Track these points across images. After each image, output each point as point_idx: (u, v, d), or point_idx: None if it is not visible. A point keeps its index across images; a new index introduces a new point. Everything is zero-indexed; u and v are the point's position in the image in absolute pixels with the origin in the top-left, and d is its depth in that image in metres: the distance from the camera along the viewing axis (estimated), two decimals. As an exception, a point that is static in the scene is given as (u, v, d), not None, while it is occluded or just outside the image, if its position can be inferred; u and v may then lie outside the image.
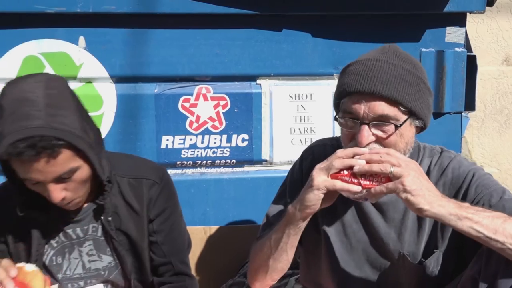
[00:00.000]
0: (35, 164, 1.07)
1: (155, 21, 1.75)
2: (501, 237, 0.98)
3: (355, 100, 1.11)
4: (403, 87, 1.11)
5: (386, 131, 1.10)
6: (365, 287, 1.24)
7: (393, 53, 1.16)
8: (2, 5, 1.64)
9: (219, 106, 1.85)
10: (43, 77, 1.14)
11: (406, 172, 1.01)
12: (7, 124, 1.06)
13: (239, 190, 1.89)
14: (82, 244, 1.28)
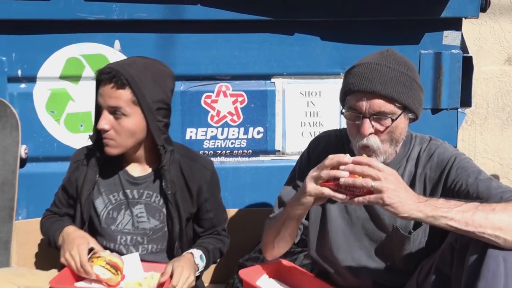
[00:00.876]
0: (105, 87, 1.42)
1: (181, 26, 1.95)
2: (472, 228, 1.12)
3: (358, 98, 1.30)
4: (398, 87, 1.29)
5: (384, 124, 1.28)
6: (364, 256, 1.42)
7: (391, 57, 1.35)
8: (49, 13, 1.86)
9: (237, 102, 2.05)
10: (151, 58, 1.55)
11: (385, 187, 1.12)
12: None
13: (255, 177, 2.08)
14: (135, 205, 1.52)
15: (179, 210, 1.53)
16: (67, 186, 1.56)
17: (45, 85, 1.97)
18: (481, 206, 1.14)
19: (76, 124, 2.00)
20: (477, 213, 1.13)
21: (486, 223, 1.11)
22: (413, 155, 1.40)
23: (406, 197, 1.14)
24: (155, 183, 1.53)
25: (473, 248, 1.14)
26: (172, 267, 1.41)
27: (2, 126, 1.88)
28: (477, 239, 1.12)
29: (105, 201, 1.52)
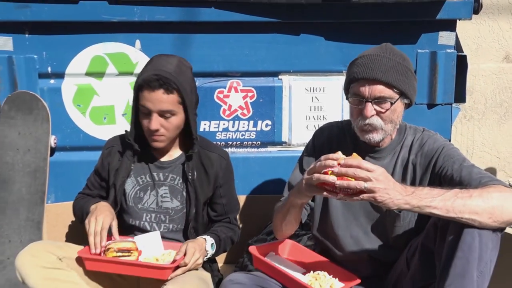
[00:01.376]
0: (154, 93, 1.56)
1: (196, 28, 2.11)
2: (452, 214, 1.27)
3: (361, 84, 1.46)
4: (396, 75, 1.46)
5: (384, 107, 1.45)
6: (361, 233, 1.58)
7: (389, 50, 1.52)
8: (77, 15, 2.03)
9: (247, 97, 2.21)
10: (179, 57, 1.71)
11: (376, 188, 1.24)
12: (151, 67, 1.58)
13: (263, 167, 2.24)
14: (160, 187, 1.71)
15: (197, 193, 1.71)
16: (100, 170, 1.75)
17: (72, 81, 2.14)
18: (460, 193, 1.28)
19: (100, 117, 2.17)
20: (457, 201, 1.27)
21: (464, 209, 1.26)
22: (406, 142, 1.57)
23: (395, 193, 1.27)
24: (179, 167, 1.72)
25: (452, 227, 1.30)
26: (186, 247, 1.59)
27: (34, 118, 2.06)
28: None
29: (133, 183, 1.70)
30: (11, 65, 2.07)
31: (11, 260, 1.95)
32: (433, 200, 1.28)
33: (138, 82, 1.59)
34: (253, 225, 2.14)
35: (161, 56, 1.67)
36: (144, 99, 1.58)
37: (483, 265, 1.24)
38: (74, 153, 2.18)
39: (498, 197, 1.26)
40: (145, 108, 1.60)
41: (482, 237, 1.26)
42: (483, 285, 1.24)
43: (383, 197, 1.26)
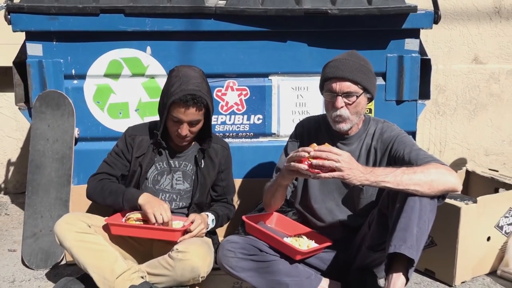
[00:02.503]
0: (189, 110, 1.88)
1: (198, 36, 2.44)
2: (400, 187, 1.61)
3: (333, 82, 1.83)
4: (360, 74, 1.82)
5: (351, 100, 1.81)
6: (334, 205, 1.94)
7: (355, 55, 1.88)
8: (97, 26, 2.37)
9: (242, 95, 2.56)
10: (197, 68, 2.01)
11: (344, 167, 1.58)
12: (181, 85, 1.87)
13: (255, 155, 2.58)
14: (175, 172, 2.05)
15: (205, 178, 2.07)
16: (124, 152, 2.05)
17: (93, 81, 2.48)
18: (406, 170, 1.64)
19: (116, 112, 2.52)
20: (404, 176, 1.62)
21: (409, 182, 1.61)
22: (370, 131, 1.93)
23: (357, 172, 1.62)
24: (191, 156, 2.06)
25: (400, 196, 1.66)
26: (194, 217, 1.96)
27: (61, 113, 2.42)
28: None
29: (153, 168, 2.04)
30: (41, 68, 2.43)
31: (43, 232, 2.31)
32: (386, 176, 1.64)
33: (173, 99, 1.86)
34: (247, 203, 2.48)
35: (186, 71, 1.95)
36: (178, 113, 1.89)
37: (422, 223, 1.61)
38: (94, 143, 2.52)
39: (435, 172, 1.62)
40: (177, 118, 1.91)
41: (422, 202, 1.62)
42: (421, 238, 1.61)
43: (348, 175, 1.62)
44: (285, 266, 1.82)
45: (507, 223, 2.13)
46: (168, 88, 1.94)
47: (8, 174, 3.68)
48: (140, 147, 2.04)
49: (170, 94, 1.90)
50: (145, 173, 2.04)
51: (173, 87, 1.90)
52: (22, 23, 2.37)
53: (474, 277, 2.10)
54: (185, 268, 1.79)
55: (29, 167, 2.39)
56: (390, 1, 2.42)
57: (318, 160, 1.61)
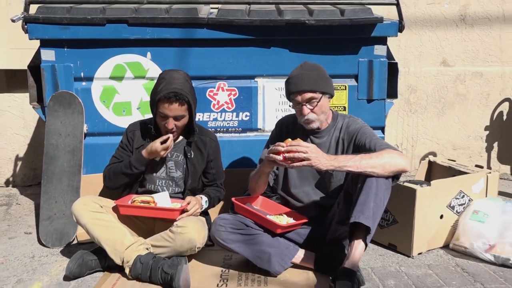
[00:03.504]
0: (172, 105, 2.17)
1: (193, 43, 2.76)
2: (359, 170, 1.94)
3: (295, 95, 2.16)
4: (315, 82, 2.14)
5: (313, 105, 2.15)
6: (310, 189, 2.28)
7: (307, 67, 2.20)
8: (104, 34, 2.69)
9: (231, 94, 2.88)
10: (182, 71, 2.29)
11: (311, 157, 1.92)
12: (168, 85, 2.17)
13: (243, 148, 2.89)
14: (168, 161, 2.37)
15: (195, 167, 2.39)
16: (127, 145, 2.38)
17: (99, 83, 2.80)
18: (364, 156, 1.98)
19: (120, 110, 2.85)
20: (362, 161, 1.97)
21: (366, 166, 1.96)
22: (338, 126, 2.28)
23: (323, 160, 1.96)
24: (181, 148, 2.39)
25: (361, 178, 2.01)
26: (190, 199, 2.29)
27: (72, 111, 2.74)
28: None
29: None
30: (54, 72, 2.74)
31: (57, 215, 2.63)
32: (347, 162, 1.98)
33: (159, 97, 2.18)
34: (235, 189, 2.75)
35: (171, 73, 2.27)
36: (164, 108, 2.20)
37: (378, 199, 1.96)
38: (100, 138, 2.83)
39: (387, 157, 1.98)
40: (163, 114, 2.22)
41: (378, 182, 1.97)
42: (377, 211, 1.95)
43: (315, 163, 1.96)
44: (268, 238, 2.17)
45: (458, 203, 2.50)
46: (156, 88, 2.26)
47: (16, 169, 3.98)
48: (139, 140, 2.37)
49: (157, 93, 2.22)
50: None
51: (159, 87, 2.22)
52: (37, 32, 2.69)
53: (430, 250, 2.45)
54: (184, 240, 2.12)
55: (44, 158, 2.70)
56: (360, 13, 2.76)
57: (290, 153, 1.96)
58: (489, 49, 4.03)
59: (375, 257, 2.41)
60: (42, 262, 2.41)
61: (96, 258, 2.21)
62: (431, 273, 2.21)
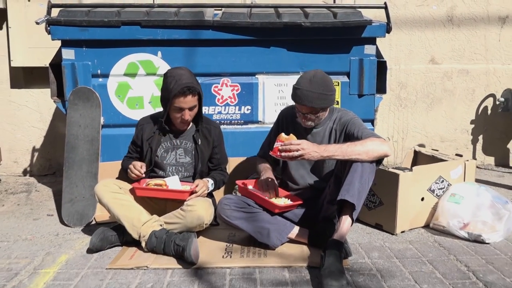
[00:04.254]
0: (187, 98, 2.43)
1: (199, 43, 3.04)
2: (346, 157, 2.22)
3: (298, 106, 2.42)
4: (316, 101, 2.37)
5: (313, 117, 2.41)
6: (305, 173, 2.56)
7: (315, 83, 2.38)
8: (119, 35, 2.98)
9: (234, 90, 3.16)
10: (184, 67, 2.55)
11: (303, 152, 2.18)
12: (177, 82, 2.42)
13: (245, 138, 3.16)
14: (177, 149, 2.64)
15: (203, 152, 2.68)
16: (136, 141, 2.66)
17: (114, 79, 3.08)
18: (350, 144, 2.26)
19: (133, 104, 3.13)
20: (348, 149, 2.25)
21: (352, 153, 2.24)
22: (332, 118, 2.56)
23: (313, 152, 2.23)
24: (190, 136, 2.67)
25: (348, 163, 2.28)
26: (198, 182, 2.58)
27: (90, 105, 3.02)
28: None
29: (160, 147, 2.63)
30: (73, 69, 3.03)
31: (78, 198, 2.92)
32: (336, 151, 2.26)
33: (174, 93, 2.42)
34: (238, 175, 3.05)
35: (177, 71, 2.50)
36: (180, 102, 2.45)
37: (363, 180, 2.24)
38: (116, 129, 3.11)
39: (370, 144, 2.26)
40: (179, 107, 2.47)
41: (363, 166, 2.26)
42: (362, 191, 2.24)
43: (308, 156, 2.24)
44: (267, 216, 2.46)
45: (438, 187, 2.78)
46: (167, 87, 2.49)
47: (33, 159, 4.28)
48: (148, 133, 2.63)
49: (170, 90, 2.46)
50: (155, 151, 2.64)
51: (171, 85, 2.46)
52: (59, 33, 2.97)
53: (412, 228, 2.74)
54: (193, 217, 2.41)
55: (66, 147, 2.99)
56: (351, 16, 3.05)
57: (284, 152, 2.25)
58: (475, 47, 4.29)
59: (363, 234, 2.69)
60: (66, 238, 2.70)
61: (116, 234, 2.50)
62: (411, 247, 2.50)
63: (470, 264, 2.27)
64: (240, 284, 2.09)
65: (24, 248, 2.56)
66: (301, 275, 2.18)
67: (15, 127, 4.19)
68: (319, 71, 2.47)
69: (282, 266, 2.26)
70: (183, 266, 2.27)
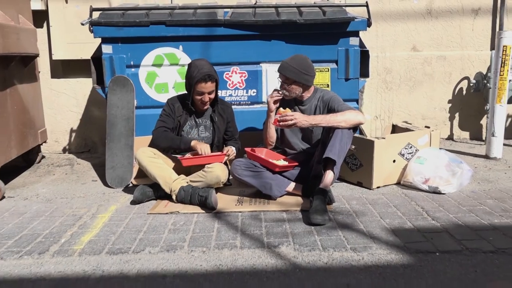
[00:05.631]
0: (207, 84, 3.11)
1: (213, 38, 3.71)
2: (330, 124, 2.88)
3: (279, 75, 3.11)
4: (289, 73, 3.04)
5: (285, 86, 3.09)
6: (297, 141, 3.26)
7: (294, 60, 3.08)
8: (147, 33, 3.67)
9: (242, 76, 3.86)
10: (204, 59, 3.23)
11: (296, 120, 2.86)
12: (199, 70, 3.09)
13: (252, 116, 3.83)
14: (199, 126, 3.33)
15: (219, 127, 3.37)
16: (171, 114, 3.32)
17: (144, 69, 3.79)
18: (333, 115, 2.94)
19: (160, 89, 3.83)
20: (331, 118, 2.92)
21: (334, 121, 2.92)
22: (316, 96, 3.23)
23: (303, 121, 2.90)
24: (208, 115, 3.36)
25: (332, 129, 2.97)
26: (228, 149, 3.27)
27: (126, 90, 3.72)
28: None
29: (186, 124, 3.32)
30: (111, 61, 3.72)
31: (118, 165, 3.63)
32: (321, 120, 2.95)
33: (196, 79, 3.10)
34: (247, 145, 3.75)
35: (199, 61, 3.18)
36: (201, 87, 3.13)
37: (342, 143, 2.91)
38: (146, 110, 3.80)
39: (349, 114, 2.94)
40: (201, 92, 3.14)
41: (343, 132, 2.94)
42: (342, 151, 2.91)
43: (300, 123, 2.93)
44: (269, 174, 3.15)
45: (407, 152, 3.46)
46: (191, 74, 3.17)
47: (71, 139, 5.00)
48: (178, 110, 3.31)
49: (193, 77, 3.14)
50: (181, 127, 3.35)
51: (194, 73, 3.16)
52: (99, 32, 3.66)
53: (385, 185, 3.42)
54: (213, 176, 3.10)
55: (107, 125, 3.69)
56: (337, 14, 3.70)
57: (282, 122, 2.93)
58: (451, 36, 4.94)
59: (346, 190, 3.39)
60: (111, 196, 3.42)
61: (152, 190, 3.21)
62: (382, 197, 3.19)
63: (425, 206, 2.96)
64: (249, 221, 2.80)
65: (80, 202, 3.28)
66: (295, 215, 2.88)
67: (55, 111, 4.91)
68: (303, 55, 3.15)
69: (281, 210, 2.96)
70: (205, 211, 2.98)
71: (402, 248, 2.34)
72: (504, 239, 2.42)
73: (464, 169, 3.27)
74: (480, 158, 4.22)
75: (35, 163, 4.44)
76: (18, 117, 3.83)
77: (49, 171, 4.23)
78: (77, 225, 2.81)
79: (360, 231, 2.58)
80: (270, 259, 2.27)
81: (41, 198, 3.40)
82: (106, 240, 2.57)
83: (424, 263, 2.18)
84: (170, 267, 2.23)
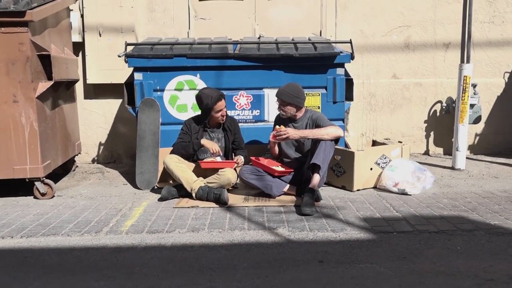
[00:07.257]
0: (221, 101, 3.99)
1: (225, 68, 4.53)
2: (316, 137, 3.69)
3: (277, 99, 3.95)
4: (284, 97, 3.87)
5: (282, 107, 3.92)
6: (292, 151, 4.06)
7: (288, 87, 3.93)
8: (172, 63, 4.50)
9: (248, 99, 4.66)
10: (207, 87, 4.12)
11: (288, 135, 3.70)
12: (212, 95, 3.97)
13: (256, 132, 4.62)
14: (213, 139, 4.14)
15: (229, 138, 4.19)
16: (188, 132, 4.15)
17: (168, 93, 4.61)
18: (318, 130, 3.75)
19: (181, 109, 4.65)
20: (316, 132, 3.74)
21: (318, 134, 3.72)
22: (307, 116, 4.03)
23: (294, 134, 3.74)
24: (219, 130, 4.18)
25: (318, 142, 3.78)
26: (237, 158, 4.08)
27: (153, 110, 4.53)
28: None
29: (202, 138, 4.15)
30: (141, 86, 4.56)
31: (146, 171, 4.43)
32: (308, 134, 3.77)
33: (214, 100, 3.93)
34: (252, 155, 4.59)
35: (206, 90, 4.02)
36: (219, 106, 3.96)
37: (326, 152, 3.71)
38: (168, 126, 4.60)
39: (330, 129, 3.75)
40: (219, 109, 3.96)
41: (326, 143, 3.73)
42: (325, 158, 3.70)
43: (291, 136, 3.75)
44: (270, 178, 3.94)
45: (382, 162, 4.25)
46: (207, 102, 3.98)
47: (99, 151, 5.81)
48: (194, 129, 4.12)
49: (211, 101, 3.97)
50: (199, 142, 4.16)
51: (209, 99, 3.99)
52: (133, 62, 4.50)
53: (364, 188, 4.21)
54: (225, 178, 3.90)
55: (138, 138, 4.50)
56: (326, 49, 4.55)
57: (278, 137, 3.75)
58: (426, 66, 5.76)
59: (332, 192, 4.17)
60: (141, 195, 4.21)
61: (176, 189, 4.00)
62: (360, 197, 3.97)
63: (393, 203, 3.75)
64: (254, 213, 3.58)
65: (117, 200, 4.07)
66: (290, 209, 3.66)
67: (86, 127, 5.73)
68: (295, 83, 3.99)
69: (279, 205, 3.74)
70: (219, 206, 3.76)
71: (369, 230, 3.12)
72: (447, 224, 3.20)
73: (427, 175, 4.07)
74: (447, 169, 5.01)
75: (71, 171, 5.23)
76: (62, 131, 4.64)
77: (85, 177, 5.02)
78: (119, 215, 3.60)
79: (340, 219, 3.36)
80: (270, 236, 3.05)
81: (84, 196, 4.19)
82: (144, 224, 3.35)
83: (383, 239, 2.96)
84: (196, 241, 3.00)
